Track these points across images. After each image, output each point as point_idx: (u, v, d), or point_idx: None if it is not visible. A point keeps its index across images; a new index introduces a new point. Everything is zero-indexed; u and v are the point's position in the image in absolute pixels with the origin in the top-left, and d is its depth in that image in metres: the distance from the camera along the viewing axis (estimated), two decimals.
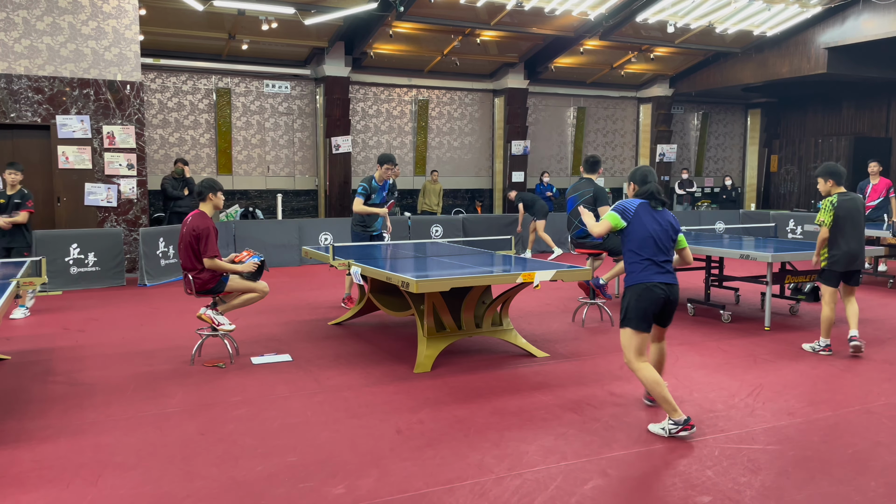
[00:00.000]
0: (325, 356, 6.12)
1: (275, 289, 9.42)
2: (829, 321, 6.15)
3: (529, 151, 17.65)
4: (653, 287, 4.30)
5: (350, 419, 4.56)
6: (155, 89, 14.72)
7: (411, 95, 17.20)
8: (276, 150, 16.00)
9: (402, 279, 5.30)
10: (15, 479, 3.68)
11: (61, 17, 10.51)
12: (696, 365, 5.86)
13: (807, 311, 8.08)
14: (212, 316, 5.87)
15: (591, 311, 7.86)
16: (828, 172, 6.09)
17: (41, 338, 6.90)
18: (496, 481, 3.64)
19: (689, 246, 7.91)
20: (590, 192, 7.18)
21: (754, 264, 10.91)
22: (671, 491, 3.54)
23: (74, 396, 5.04)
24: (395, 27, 14.52)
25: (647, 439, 4.21)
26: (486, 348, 6.37)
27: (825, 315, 6.16)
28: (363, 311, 7.31)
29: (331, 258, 6.59)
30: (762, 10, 14.69)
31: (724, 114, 21.43)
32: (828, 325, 6.17)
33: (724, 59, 17.62)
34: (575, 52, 16.32)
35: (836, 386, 5.30)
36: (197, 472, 3.77)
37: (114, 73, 10.86)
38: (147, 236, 10.08)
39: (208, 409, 4.76)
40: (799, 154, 20.11)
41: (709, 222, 15.15)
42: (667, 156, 19.04)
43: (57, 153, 10.63)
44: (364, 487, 3.58)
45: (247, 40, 14.24)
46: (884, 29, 14.06)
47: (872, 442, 4.20)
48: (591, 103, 19.25)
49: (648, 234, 4.36)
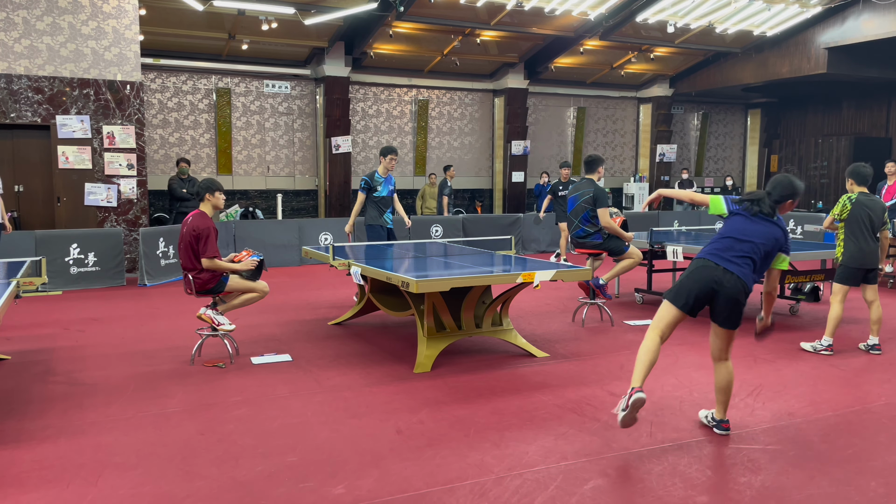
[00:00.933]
0: (325, 356, 6.12)
1: (275, 289, 9.42)
2: (838, 319, 6.07)
3: (529, 151, 17.65)
4: (706, 266, 4.09)
5: (350, 419, 4.56)
6: (155, 89, 14.72)
7: (411, 95, 17.20)
8: (276, 150, 16.00)
9: (402, 279, 5.30)
10: (15, 479, 3.68)
11: (61, 17, 10.51)
12: (696, 365, 5.86)
13: (807, 311, 8.08)
14: (212, 316, 5.86)
15: (591, 311, 7.85)
16: (849, 173, 6.15)
17: (41, 338, 6.90)
18: (496, 481, 3.64)
19: (690, 245, 7.96)
20: (590, 192, 7.18)
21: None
22: (671, 491, 3.54)
23: (74, 396, 5.04)
24: (395, 27, 14.52)
25: (647, 439, 4.21)
26: (486, 348, 6.37)
27: (835, 313, 6.06)
28: (363, 311, 7.31)
29: (331, 258, 6.59)
30: (762, 10, 14.69)
31: (724, 114, 21.43)
32: (835, 323, 6.09)
33: (724, 59, 17.62)
34: (575, 52, 16.32)
35: (836, 386, 5.30)
36: (197, 472, 3.77)
37: (114, 73, 10.86)
38: (147, 236, 10.08)
39: (208, 409, 4.76)
40: (799, 154, 20.11)
41: (709, 222, 15.14)
42: (667, 156, 19.04)
43: (57, 153, 10.63)
44: (364, 487, 3.58)
45: (247, 40, 14.25)
46: (884, 29, 14.06)
47: (872, 442, 4.20)
48: (591, 103, 19.25)
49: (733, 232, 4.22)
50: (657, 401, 4.91)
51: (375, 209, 8.19)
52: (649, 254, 8.35)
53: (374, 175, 8.13)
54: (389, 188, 8.19)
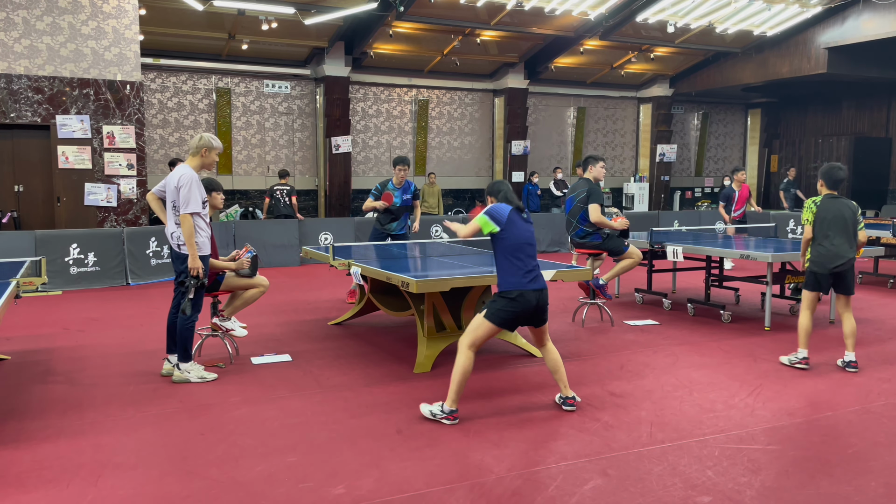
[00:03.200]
0: (325, 356, 6.12)
1: (275, 289, 9.43)
2: (806, 329, 5.70)
3: (529, 151, 17.65)
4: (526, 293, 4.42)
5: (350, 419, 4.56)
6: (155, 89, 14.72)
7: (411, 95, 17.20)
8: (276, 150, 16.00)
9: (402, 279, 5.30)
10: (15, 479, 3.68)
11: (61, 17, 10.51)
12: (696, 365, 5.86)
13: None
14: (219, 324, 5.88)
15: (592, 311, 7.86)
16: (821, 174, 5.81)
17: (41, 338, 6.90)
18: (496, 481, 3.64)
19: (689, 245, 7.97)
20: (584, 191, 7.23)
21: (754, 264, 10.91)
22: (671, 491, 3.54)
23: (74, 396, 5.04)
24: (395, 27, 14.52)
25: (647, 439, 4.21)
26: (486, 348, 6.36)
27: (802, 322, 5.72)
28: (363, 311, 7.31)
29: (331, 258, 6.59)
30: (762, 10, 14.69)
31: (724, 114, 21.43)
32: (804, 333, 5.71)
33: (724, 59, 17.62)
34: (575, 52, 16.32)
35: (836, 386, 5.30)
36: (197, 472, 3.77)
37: (114, 73, 10.86)
38: (133, 235, 10.09)
39: (208, 409, 4.76)
40: (799, 154, 20.11)
41: (709, 222, 15.14)
42: (667, 156, 19.04)
43: (57, 153, 10.63)
44: (364, 487, 3.58)
45: (247, 40, 14.24)
46: (884, 29, 14.07)
47: (872, 442, 4.20)
48: (591, 103, 19.25)
49: None
50: (657, 401, 4.91)
51: (387, 217, 8.21)
52: (649, 254, 8.36)
53: (388, 185, 8.12)
54: (404, 198, 8.16)
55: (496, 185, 4.74)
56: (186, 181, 5.22)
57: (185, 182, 5.21)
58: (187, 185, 5.21)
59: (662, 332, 7.08)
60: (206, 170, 5.49)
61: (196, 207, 5.24)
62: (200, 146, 5.37)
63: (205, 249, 5.37)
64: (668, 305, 8.19)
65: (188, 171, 5.27)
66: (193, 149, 5.39)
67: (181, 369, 5.36)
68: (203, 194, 5.37)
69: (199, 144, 5.37)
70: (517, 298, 4.36)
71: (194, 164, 5.37)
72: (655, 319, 7.62)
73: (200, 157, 5.38)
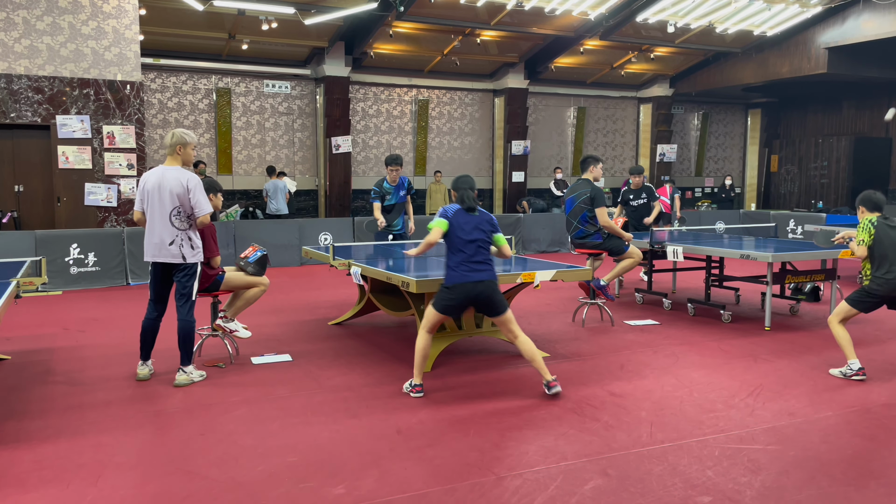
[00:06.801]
0: (325, 356, 6.12)
1: (275, 289, 9.43)
2: (848, 340, 5.48)
3: (529, 151, 17.65)
4: None
5: (350, 419, 4.56)
6: (155, 89, 14.72)
7: (411, 95, 17.20)
8: (277, 150, 16.00)
9: (402, 279, 5.30)
10: (15, 479, 3.68)
11: (61, 17, 10.51)
12: (696, 365, 5.86)
13: (807, 311, 8.08)
14: (223, 325, 5.88)
15: (592, 311, 7.86)
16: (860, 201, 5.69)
17: (41, 338, 6.90)
18: (496, 481, 3.64)
19: (690, 245, 7.98)
20: (587, 193, 7.21)
21: (754, 264, 10.91)
22: (671, 491, 3.54)
23: (74, 396, 5.04)
24: (395, 27, 14.52)
25: (647, 439, 4.21)
26: (486, 348, 6.36)
27: (843, 336, 5.48)
28: (363, 311, 7.31)
29: (331, 258, 6.59)
30: (762, 10, 14.70)
31: (724, 114, 21.43)
32: (848, 343, 5.48)
33: (724, 59, 17.63)
34: (575, 52, 16.33)
35: (836, 386, 5.30)
36: (197, 472, 3.76)
37: (114, 73, 10.86)
38: (133, 235, 10.07)
39: (208, 409, 4.76)
40: (799, 154, 20.12)
41: (709, 222, 15.15)
42: (667, 156, 19.04)
43: (57, 153, 10.63)
44: (364, 487, 3.57)
45: (247, 40, 14.25)
46: (884, 29, 14.07)
47: (872, 442, 4.20)
48: (592, 103, 19.26)
49: None
50: (657, 401, 4.91)
51: (386, 216, 8.21)
52: (649, 254, 8.36)
53: (383, 184, 8.12)
54: (400, 194, 8.18)
55: (455, 182, 5.24)
56: (195, 184, 5.22)
57: (193, 185, 5.21)
58: (196, 188, 5.22)
59: (662, 332, 7.08)
60: (186, 166, 5.45)
61: (210, 206, 5.30)
62: (175, 144, 5.30)
63: (198, 257, 5.37)
64: (668, 305, 8.19)
65: (186, 173, 5.26)
66: (169, 148, 5.32)
67: (186, 372, 5.36)
68: None
69: (173, 142, 5.30)
70: (452, 288, 4.89)
71: (176, 163, 5.32)
72: (655, 319, 7.62)
73: (177, 154, 5.31)
